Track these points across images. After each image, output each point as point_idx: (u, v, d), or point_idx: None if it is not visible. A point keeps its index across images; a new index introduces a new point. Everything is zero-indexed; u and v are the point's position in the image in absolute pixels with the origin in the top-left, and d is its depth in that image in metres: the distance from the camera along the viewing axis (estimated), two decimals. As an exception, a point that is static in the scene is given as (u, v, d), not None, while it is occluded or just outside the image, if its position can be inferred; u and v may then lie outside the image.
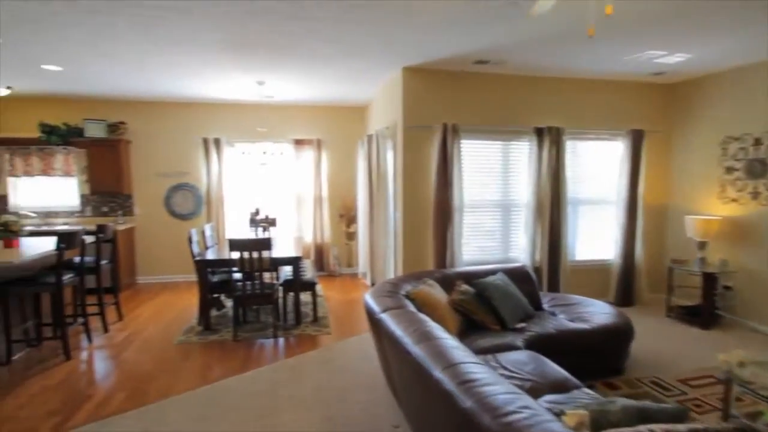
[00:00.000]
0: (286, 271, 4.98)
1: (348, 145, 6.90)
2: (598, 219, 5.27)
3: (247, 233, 5.57)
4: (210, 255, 4.62)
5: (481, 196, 4.84)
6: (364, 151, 6.24)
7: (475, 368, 1.70)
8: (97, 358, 3.90)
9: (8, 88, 5.40)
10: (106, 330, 4.51)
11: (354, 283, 6.52)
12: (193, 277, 6.60)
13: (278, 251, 4.70)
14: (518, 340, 3.09)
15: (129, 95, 5.98)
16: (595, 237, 5.30)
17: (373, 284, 5.89)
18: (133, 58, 4.16)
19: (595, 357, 3.30)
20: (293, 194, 6.74)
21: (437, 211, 4.51)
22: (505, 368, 2.54)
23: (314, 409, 2.99)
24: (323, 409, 2.98)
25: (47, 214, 6.29)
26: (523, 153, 4.90)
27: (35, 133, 5.96)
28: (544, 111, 4.88)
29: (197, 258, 4.42)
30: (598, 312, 3.58)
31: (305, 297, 5.34)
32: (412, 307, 2.88)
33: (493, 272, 3.81)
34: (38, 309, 4.20)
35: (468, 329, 3.27)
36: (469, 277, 3.69)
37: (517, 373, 2.47)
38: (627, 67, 4.51)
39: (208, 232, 5.11)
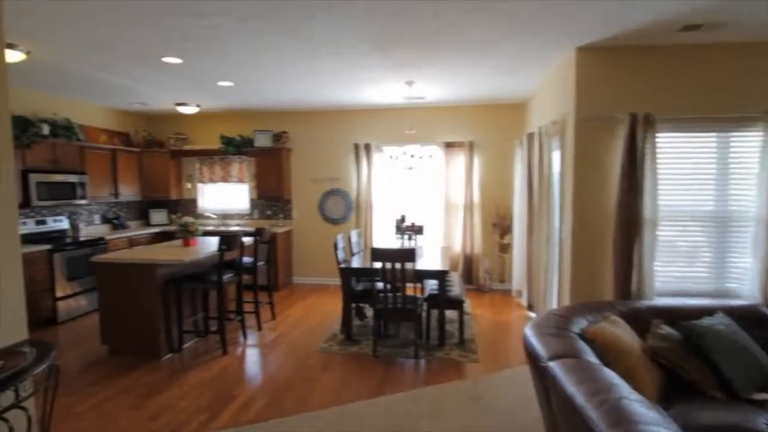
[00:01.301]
0: (431, 284, 4.57)
1: (503, 146, 6.20)
2: None
3: (393, 241, 5.33)
4: (355, 263, 4.47)
5: (684, 206, 3.69)
6: (522, 153, 5.48)
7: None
8: (248, 357, 4.03)
9: (197, 106, 6.19)
10: (259, 328, 4.70)
11: (506, 301, 5.77)
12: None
13: (423, 263, 4.31)
14: (761, 421, 2.08)
15: (290, 106, 6.33)
16: None
17: (529, 306, 5.09)
18: (287, 66, 4.24)
19: None
20: (442, 201, 6.32)
21: (620, 224, 3.55)
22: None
23: (456, 462, 2.46)
24: (467, 464, 2.44)
25: (225, 216, 7.07)
26: (750, 147, 3.58)
27: (217, 144, 6.74)
28: (786, 89, 3.50)
29: (342, 265, 4.29)
30: None
31: (451, 314, 4.84)
32: (590, 354, 2.14)
33: (708, 311, 2.76)
34: (206, 303, 4.58)
35: (672, 390, 2.36)
36: (672, 316, 2.73)
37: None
38: None
39: (354, 239, 5.01)
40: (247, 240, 4.77)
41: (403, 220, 4.92)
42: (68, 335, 4.58)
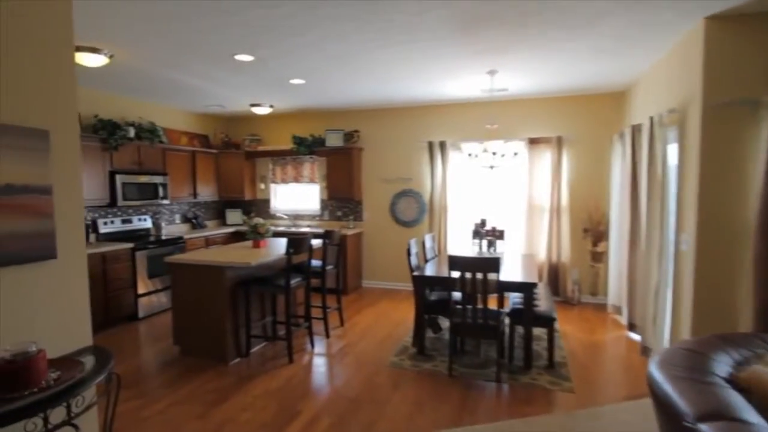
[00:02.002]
0: (514, 296, 4.07)
1: (597, 142, 5.48)
2: None
3: (470, 246, 4.88)
4: (428, 270, 4.09)
5: None
6: (623, 148, 4.77)
7: None
8: (314, 368, 3.80)
9: (270, 106, 6.17)
10: (327, 335, 4.49)
11: (600, 317, 5.07)
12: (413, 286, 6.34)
13: (508, 273, 3.82)
14: None
15: (361, 104, 6.11)
16: None
17: (631, 326, 4.38)
18: (362, 60, 3.98)
19: None
20: (524, 203, 5.74)
21: (764, 237, 2.82)
22: None
23: None
24: None
25: (296, 217, 7.03)
26: None
27: (289, 145, 6.70)
28: None
29: (415, 273, 3.94)
30: None
31: (537, 331, 4.29)
32: (750, 412, 1.59)
33: None
34: (275, 307, 4.45)
35: None
36: None
37: None
38: None
39: (428, 243, 4.64)
40: (316, 242, 4.59)
41: (483, 224, 4.45)
42: (146, 332, 4.69)
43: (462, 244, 5.99)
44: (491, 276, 3.35)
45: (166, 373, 3.65)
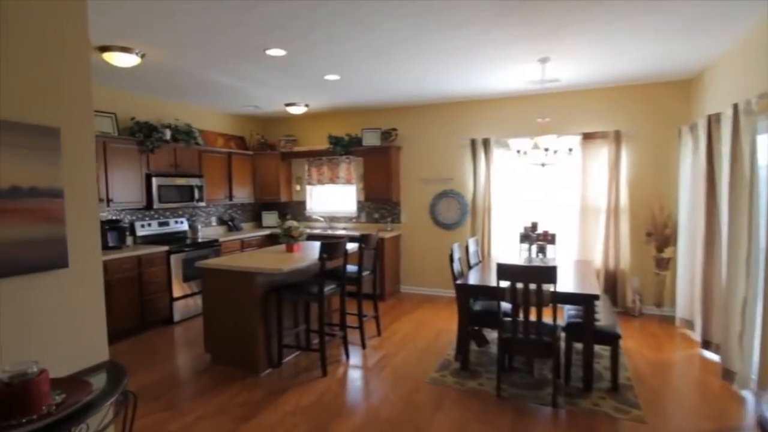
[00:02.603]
0: (569, 308, 3.65)
1: (660, 136, 4.94)
2: None
3: (517, 251, 4.47)
4: (472, 277, 3.75)
5: None
6: (694, 142, 4.23)
7: None
8: (349, 382, 3.54)
9: (306, 105, 5.99)
10: (363, 345, 4.22)
11: (667, 332, 4.52)
12: (454, 293, 5.98)
13: (562, 282, 3.41)
14: None
15: (399, 101, 5.82)
16: None
17: (705, 344, 3.84)
18: (400, 52, 3.69)
19: None
20: (578, 203, 5.26)
21: None
22: None
23: None
24: None
25: (332, 219, 6.82)
26: None
27: (325, 145, 6.50)
28: None
29: (458, 281, 3.60)
30: None
31: (598, 347, 3.84)
32: None
33: None
34: (308, 314, 4.23)
35: None
36: None
37: None
38: None
39: (472, 248, 4.28)
40: (352, 246, 4.34)
41: (534, 228, 4.04)
42: (180, 337, 4.60)
43: (507, 248, 5.57)
44: (547, 287, 2.96)
45: (195, 383, 3.49)
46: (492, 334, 4.31)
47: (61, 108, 1.89)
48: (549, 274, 2.89)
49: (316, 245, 4.68)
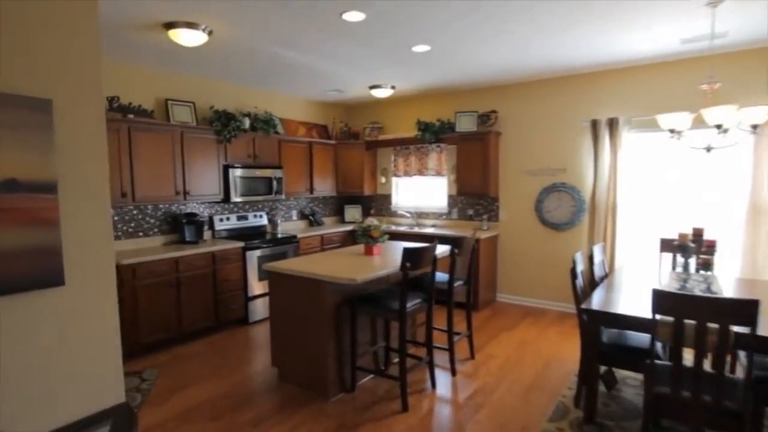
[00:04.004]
0: (747, 355, 2.54)
1: None
2: None
3: (657, 264, 3.38)
4: (597, 299, 2.80)
5: None
6: None
7: None
8: (435, 426, 2.82)
9: (392, 87, 5.34)
10: (453, 371, 3.48)
11: None
12: (565, 306, 4.97)
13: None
14: None
15: (500, 77, 4.90)
16: None
17: None
18: (503, 12, 2.85)
19: None
20: (745, 203, 3.95)
21: None
22: None
23: None
24: None
25: (419, 215, 6.13)
26: None
27: (413, 132, 5.81)
28: None
29: (583, 306, 2.69)
30: None
31: (788, 408, 2.68)
32: None
33: None
34: (388, 331, 3.60)
35: None
36: None
37: None
38: None
39: (597, 257, 3.31)
40: (442, 250, 3.61)
41: (699, 235, 2.94)
42: (252, 341, 4.24)
43: (640, 258, 4.44)
44: (738, 329, 1.97)
45: (257, 405, 3.04)
46: (623, 371, 3.32)
47: (52, 74, 1.41)
48: (745, 311, 1.89)
49: (400, 247, 4.03)
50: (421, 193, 6.16)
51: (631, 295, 2.87)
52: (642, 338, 2.81)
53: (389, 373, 3.19)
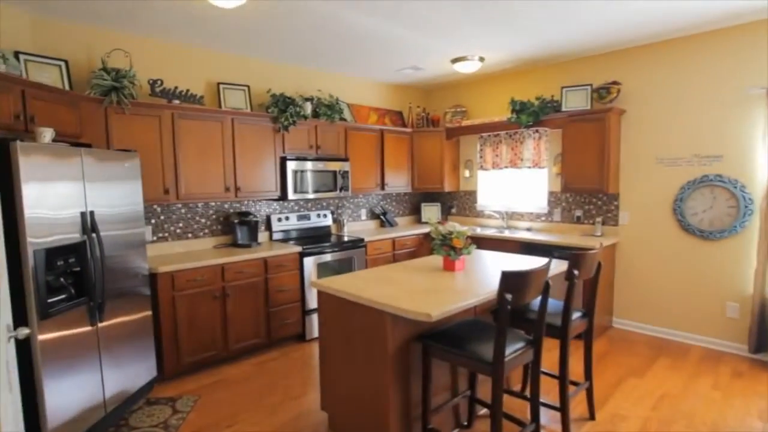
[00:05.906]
0: None
1: None
2: None
3: None
4: None
5: None
6: None
7: None
8: None
9: (480, 59, 4.36)
10: (568, 439, 2.47)
11: None
12: (718, 344, 3.67)
13: None
14: None
15: (625, 37, 3.71)
16: None
17: None
18: None
19: None
20: None
21: None
22: None
23: None
24: None
25: (511, 216, 5.07)
26: None
27: (505, 114, 4.77)
28: None
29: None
30: None
31: None
32: None
33: None
34: (474, 374, 2.67)
35: None
36: None
37: None
38: None
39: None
40: (555, 268, 2.61)
41: None
42: (306, 364, 3.55)
43: None
44: None
45: (298, 470, 2.30)
46: None
47: None
48: None
49: (490, 259, 3.08)
50: (513, 189, 5.10)
51: None
52: None
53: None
